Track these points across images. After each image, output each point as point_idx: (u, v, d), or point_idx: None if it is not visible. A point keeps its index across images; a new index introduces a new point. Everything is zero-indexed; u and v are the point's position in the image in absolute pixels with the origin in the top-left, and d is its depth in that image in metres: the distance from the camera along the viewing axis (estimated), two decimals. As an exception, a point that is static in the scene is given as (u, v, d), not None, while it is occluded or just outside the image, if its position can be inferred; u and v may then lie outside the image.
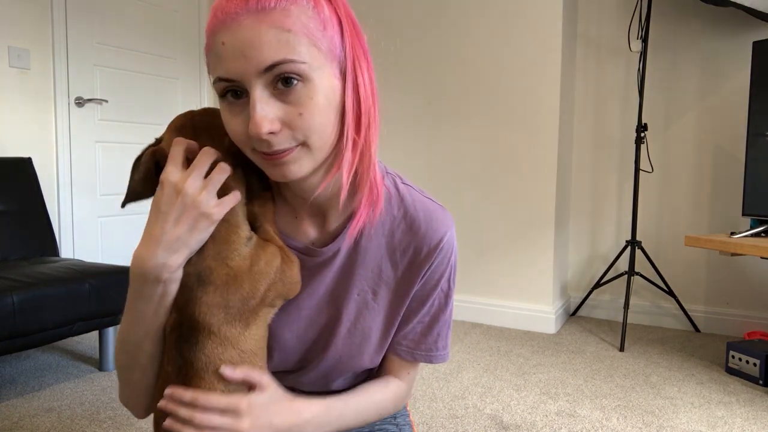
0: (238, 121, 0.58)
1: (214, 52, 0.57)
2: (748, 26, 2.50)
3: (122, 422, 1.66)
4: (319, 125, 0.58)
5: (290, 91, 0.56)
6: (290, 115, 0.57)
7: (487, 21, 2.72)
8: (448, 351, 0.79)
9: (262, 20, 0.54)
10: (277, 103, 0.57)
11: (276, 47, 0.54)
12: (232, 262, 0.62)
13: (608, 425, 1.67)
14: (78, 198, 2.82)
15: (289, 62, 0.55)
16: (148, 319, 0.63)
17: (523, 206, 2.68)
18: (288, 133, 0.57)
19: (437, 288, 0.75)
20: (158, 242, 0.59)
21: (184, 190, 0.59)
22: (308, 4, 0.57)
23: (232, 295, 0.62)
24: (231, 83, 0.57)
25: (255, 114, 0.55)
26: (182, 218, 0.59)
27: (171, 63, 3.28)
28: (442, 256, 0.73)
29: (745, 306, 2.58)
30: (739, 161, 2.49)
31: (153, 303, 0.62)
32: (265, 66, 0.55)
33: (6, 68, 2.50)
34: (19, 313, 1.68)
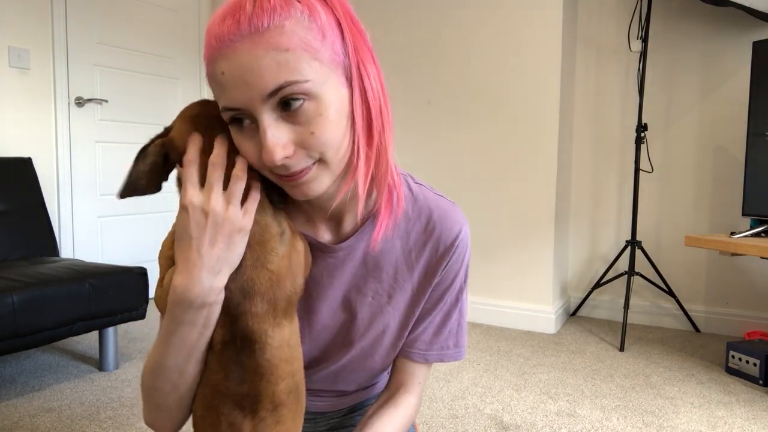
0: (251, 146, 0.57)
1: (214, 80, 0.56)
2: (748, 26, 2.50)
3: (122, 422, 1.66)
4: (333, 140, 0.57)
5: (298, 111, 0.55)
6: (302, 136, 0.56)
7: (487, 21, 2.72)
8: (462, 349, 0.78)
9: (257, 43, 0.52)
10: (287, 126, 0.55)
11: (276, 71, 0.52)
12: (271, 265, 0.62)
13: (608, 425, 1.67)
14: (78, 198, 2.82)
15: (292, 84, 0.53)
16: (191, 343, 0.61)
17: (523, 206, 2.68)
18: (303, 153, 0.56)
19: (451, 287, 0.75)
20: (200, 267, 0.57)
21: (212, 209, 0.57)
22: (303, 15, 0.54)
23: (278, 297, 0.62)
24: (238, 111, 0.56)
25: (267, 142, 0.54)
26: (217, 238, 0.57)
27: (171, 63, 3.28)
28: (457, 254, 0.73)
29: (745, 306, 2.58)
30: (739, 161, 2.49)
31: (197, 327, 0.60)
32: (268, 92, 0.53)
33: (6, 68, 2.50)
34: (19, 313, 1.68)
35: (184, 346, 0.61)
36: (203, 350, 0.62)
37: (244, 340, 0.61)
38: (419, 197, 0.73)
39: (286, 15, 0.53)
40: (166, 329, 0.61)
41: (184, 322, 0.59)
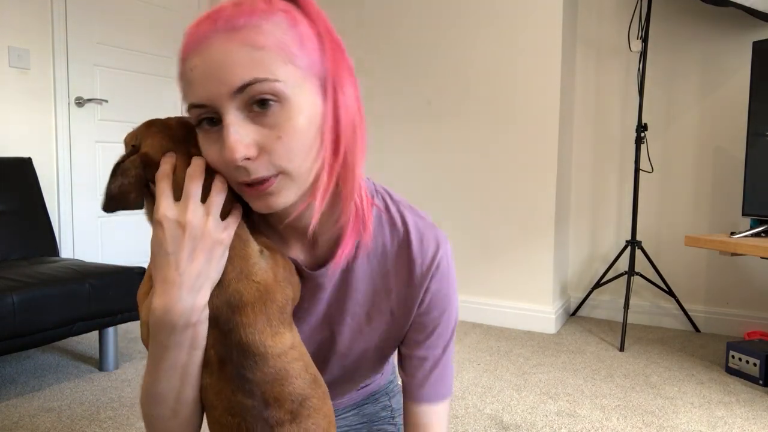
0: (215, 150, 0.55)
1: (185, 78, 0.54)
2: (748, 26, 2.50)
3: (122, 422, 1.66)
4: (300, 148, 0.54)
5: (267, 113, 0.52)
6: (268, 139, 0.53)
7: (487, 21, 2.72)
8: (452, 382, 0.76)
9: (232, 39, 0.51)
10: (254, 127, 0.53)
11: (248, 66, 0.51)
12: (256, 276, 0.60)
13: (608, 425, 1.67)
14: (78, 198, 2.82)
15: (262, 81, 0.51)
16: (181, 366, 0.58)
17: (523, 206, 2.68)
18: (266, 159, 0.53)
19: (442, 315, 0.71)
20: (179, 285, 0.54)
21: (189, 222, 0.54)
22: (283, 20, 0.53)
23: (270, 308, 0.60)
24: (203, 109, 0.54)
25: (228, 138, 0.52)
26: (197, 252, 0.54)
27: (171, 63, 3.28)
28: (439, 277, 0.69)
29: (745, 306, 2.58)
30: (739, 161, 2.49)
31: (185, 349, 0.57)
32: (236, 87, 0.51)
33: (6, 68, 2.50)
34: (19, 313, 1.68)
35: (175, 371, 0.58)
36: (197, 372, 0.59)
37: (241, 354, 0.59)
38: (395, 217, 0.70)
39: (265, 17, 0.53)
40: (154, 355, 0.58)
41: (170, 346, 0.56)
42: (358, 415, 0.91)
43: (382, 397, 0.94)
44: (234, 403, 0.59)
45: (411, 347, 0.72)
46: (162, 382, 0.59)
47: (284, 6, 0.55)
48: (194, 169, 0.57)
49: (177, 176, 0.58)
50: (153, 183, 0.59)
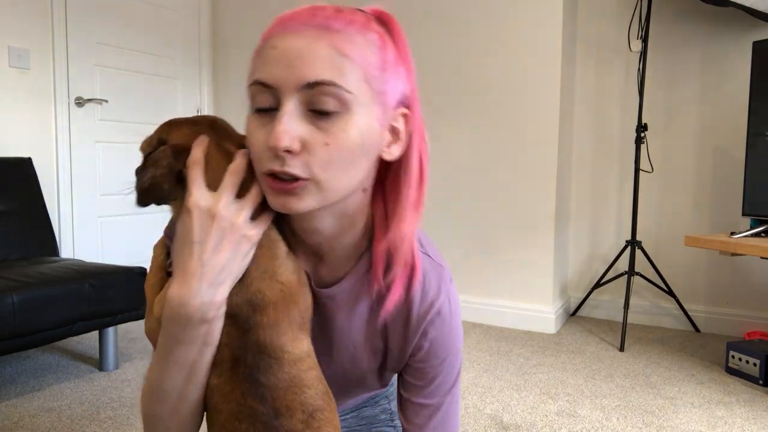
0: (261, 133, 0.54)
1: (261, 54, 0.54)
2: (748, 26, 2.50)
3: (122, 422, 1.66)
4: (341, 162, 0.53)
5: (325, 117, 0.52)
6: (315, 141, 0.52)
7: (487, 21, 2.72)
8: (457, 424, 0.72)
9: (322, 37, 0.51)
10: (306, 125, 0.52)
11: (327, 67, 0.51)
12: (282, 277, 0.58)
13: (608, 425, 1.67)
14: (78, 198, 2.82)
15: (332, 85, 0.51)
16: (190, 364, 0.56)
17: (523, 206, 2.68)
18: (305, 159, 0.52)
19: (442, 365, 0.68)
20: (200, 277, 0.52)
21: (219, 213, 0.53)
22: (375, 41, 0.54)
23: (292, 311, 0.58)
24: (267, 89, 0.53)
25: (280, 125, 0.51)
26: (223, 244, 0.53)
27: (171, 63, 3.28)
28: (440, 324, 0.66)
29: (745, 306, 2.58)
30: (739, 161, 2.49)
31: (196, 346, 0.55)
32: (307, 81, 0.51)
33: (6, 68, 2.50)
34: (19, 313, 1.68)
35: (182, 368, 0.55)
36: (205, 371, 0.57)
37: (257, 355, 0.56)
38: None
39: (360, 31, 0.53)
40: (163, 349, 0.56)
41: (181, 340, 0.54)
42: (357, 418, 0.91)
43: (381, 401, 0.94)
44: (243, 408, 0.56)
45: (410, 392, 0.69)
46: (167, 378, 0.57)
47: (379, 29, 0.56)
48: (238, 164, 0.56)
49: (210, 164, 0.56)
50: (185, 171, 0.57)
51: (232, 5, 3.50)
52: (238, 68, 3.49)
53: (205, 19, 3.51)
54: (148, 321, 0.61)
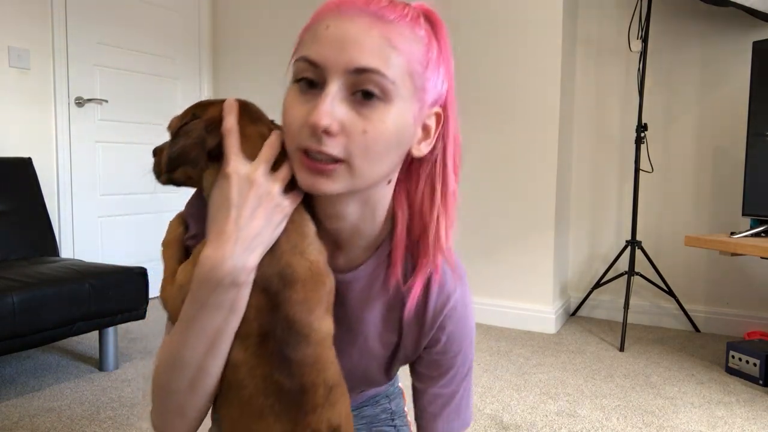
0: (301, 109, 0.54)
1: (313, 31, 0.55)
2: (748, 26, 2.50)
3: (122, 422, 1.66)
4: (375, 152, 0.54)
5: (367, 104, 0.53)
6: (354, 126, 0.53)
7: (487, 21, 2.72)
8: (470, 415, 0.75)
9: (376, 26, 0.53)
10: (347, 109, 0.53)
11: (375, 55, 0.52)
12: (311, 256, 0.59)
13: (608, 425, 1.67)
14: (78, 198, 2.82)
15: (379, 74, 0.52)
16: (214, 332, 0.55)
17: (523, 206, 2.68)
18: (342, 142, 0.53)
19: (457, 357, 0.70)
20: (234, 240, 0.53)
21: (257, 180, 0.55)
22: (423, 38, 0.56)
23: (320, 290, 0.59)
24: (312, 68, 0.54)
25: (323, 104, 0.52)
26: (258, 211, 0.54)
27: (171, 63, 3.28)
28: (456, 319, 0.68)
29: (745, 306, 2.58)
30: (739, 161, 2.48)
31: (223, 312, 0.54)
32: (355, 66, 0.52)
33: (6, 68, 2.50)
34: (19, 313, 1.68)
35: (205, 335, 0.55)
36: (227, 343, 0.56)
37: (286, 331, 0.56)
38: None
39: (410, 27, 0.55)
40: (187, 315, 0.56)
41: (208, 305, 0.54)
42: (358, 417, 0.91)
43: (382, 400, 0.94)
44: (269, 384, 0.56)
45: (425, 382, 0.71)
46: (188, 346, 0.56)
47: (427, 28, 0.58)
48: (273, 140, 0.58)
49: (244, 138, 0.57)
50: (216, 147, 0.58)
51: (232, 5, 3.50)
52: (238, 68, 3.49)
53: (205, 19, 3.51)
54: (166, 287, 0.61)
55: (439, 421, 0.71)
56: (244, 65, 3.45)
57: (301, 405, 0.57)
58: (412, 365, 0.73)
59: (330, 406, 0.59)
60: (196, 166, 0.58)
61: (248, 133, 0.58)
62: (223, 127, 0.57)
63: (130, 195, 3.08)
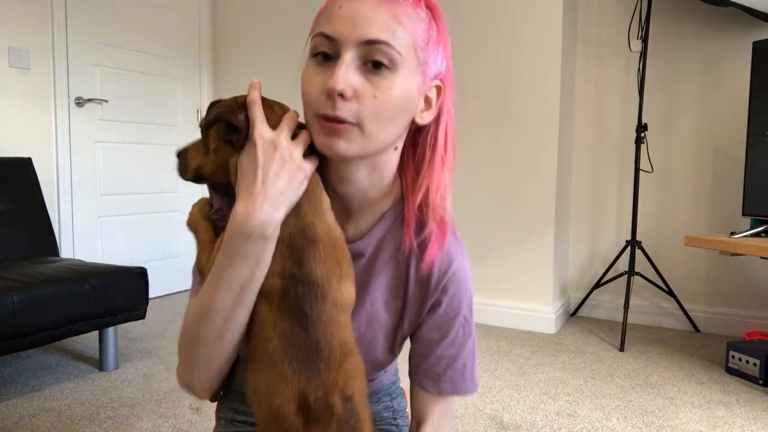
0: (319, 79, 0.61)
1: (328, 12, 0.62)
2: (748, 26, 2.50)
3: (122, 422, 1.66)
4: (385, 115, 0.61)
5: (377, 72, 0.60)
6: (365, 90, 0.60)
7: (487, 21, 2.72)
8: (475, 382, 0.77)
9: (382, 4, 0.60)
10: (359, 77, 0.60)
11: (383, 29, 0.59)
12: (329, 219, 0.64)
13: (608, 425, 1.67)
14: (78, 198, 2.82)
15: (387, 45, 0.59)
16: (242, 282, 0.61)
17: (523, 206, 2.68)
18: (354, 106, 0.60)
19: (457, 318, 0.74)
20: (262, 197, 0.59)
21: (281, 144, 0.61)
22: (425, 18, 0.64)
23: (338, 253, 0.64)
24: (328, 42, 0.61)
25: (339, 71, 0.59)
26: (282, 172, 0.60)
27: (171, 63, 3.28)
28: (456, 287, 0.73)
29: (745, 306, 2.58)
30: (739, 161, 2.48)
31: (250, 263, 0.60)
32: (366, 38, 0.59)
33: (6, 68, 2.50)
34: (19, 313, 1.68)
35: (235, 285, 0.61)
36: (253, 295, 0.62)
37: (306, 286, 0.61)
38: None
39: (414, 7, 0.62)
40: (218, 267, 0.61)
41: (238, 255, 0.60)
42: None
43: (384, 398, 0.94)
44: (290, 337, 0.60)
45: (428, 346, 0.75)
46: (218, 296, 0.61)
47: (427, 12, 0.65)
48: (293, 113, 0.65)
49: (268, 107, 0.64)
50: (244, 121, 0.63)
51: (232, 5, 3.50)
52: (238, 68, 3.49)
53: (205, 19, 3.51)
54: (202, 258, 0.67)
55: (443, 382, 0.74)
56: (244, 65, 3.45)
57: (314, 361, 0.60)
58: (414, 335, 0.76)
59: (345, 375, 0.61)
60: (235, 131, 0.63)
61: (270, 105, 0.65)
62: (248, 99, 0.64)
63: (130, 195, 3.08)
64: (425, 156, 0.71)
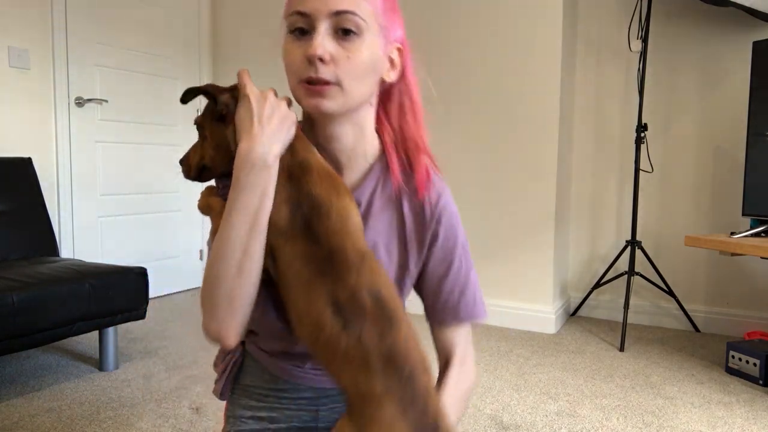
0: (299, 51, 0.71)
1: None
2: (748, 26, 2.50)
3: (122, 422, 1.66)
4: (358, 72, 0.72)
5: (347, 38, 0.70)
6: (340, 54, 0.70)
7: (487, 21, 2.72)
8: (485, 308, 0.86)
9: None
10: (334, 43, 0.70)
11: (350, 1, 0.69)
12: (318, 157, 0.73)
13: (608, 425, 1.67)
14: (78, 198, 2.82)
15: (353, 14, 0.70)
16: (253, 210, 0.68)
17: (523, 206, 2.68)
18: (332, 68, 0.70)
19: (456, 247, 0.82)
20: (260, 135, 0.68)
21: (270, 96, 0.71)
22: None
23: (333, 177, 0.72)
24: (303, 18, 0.70)
25: (316, 40, 0.69)
26: (274, 116, 0.70)
27: (171, 63, 3.28)
28: (447, 218, 0.82)
29: (745, 306, 2.58)
30: (739, 161, 2.49)
31: (258, 191, 0.68)
32: (336, 10, 0.69)
33: (6, 68, 2.50)
34: (19, 313, 1.68)
35: (246, 214, 0.68)
36: (264, 225, 0.69)
37: (309, 208, 0.68)
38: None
39: None
40: (230, 200, 0.69)
41: (246, 186, 0.68)
42: None
43: None
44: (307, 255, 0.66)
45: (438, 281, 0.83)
46: (233, 229, 0.68)
47: None
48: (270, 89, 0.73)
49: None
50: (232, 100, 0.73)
51: (232, 5, 3.50)
52: (238, 68, 3.48)
53: (205, 19, 3.51)
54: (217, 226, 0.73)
55: (460, 311, 0.83)
56: (244, 65, 3.43)
57: (334, 265, 0.66)
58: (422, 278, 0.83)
59: (367, 275, 0.66)
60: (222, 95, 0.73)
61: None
62: (238, 72, 0.74)
63: (130, 195, 3.09)
64: (398, 108, 0.82)
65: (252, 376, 0.87)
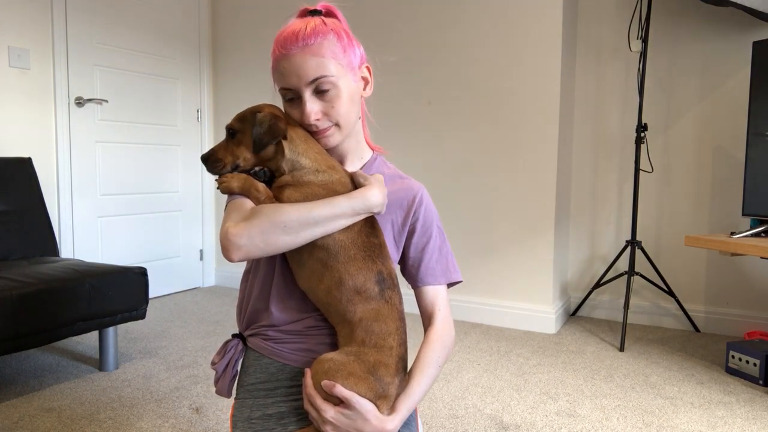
0: (296, 113, 0.91)
1: (277, 71, 0.90)
2: (748, 26, 2.50)
3: (122, 422, 1.66)
4: (344, 111, 0.91)
5: (326, 94, 0.89)
6: (326, 108, 0.90)
7: (487, 21, 2.72)
8: (459, 273, 1.03)
9: (306, 52, 0.87)
10: (319, 102, 0.90)
11: (315, 68, 0.87)
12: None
13: (608, 425, 1.67)
14: (78, 198, 2.82)
15: (324, 77, 0.88)
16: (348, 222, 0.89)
17: (523, 206, 2.68)
18: (326, 118, 0.90)
19: (433, 227, 1.01)
20: (384, 193, 0.92)
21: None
22: (334, 37, 0.89)
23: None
24: (290, 91, 0.89)
25: (306, 109, 0.89)
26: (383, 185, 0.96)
27: (171, 63, 3.28)
28: (425, 206, 1.01)
29: (745, 306, 2.58)
30: (739, 161, 2.49)
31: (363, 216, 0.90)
32: (309, 80, 0.87)
33: (6, 68, 2.50)
34: (19, 313, 1.68)
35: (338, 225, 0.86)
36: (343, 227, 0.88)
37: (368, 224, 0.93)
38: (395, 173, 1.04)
39: (324, 37, 0.88)
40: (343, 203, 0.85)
41: (361, 212, 0.87)
42: None
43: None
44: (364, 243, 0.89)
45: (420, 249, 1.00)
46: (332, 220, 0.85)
47: (332, 24, 0.90)
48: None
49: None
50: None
51: (232, 5, 3.50)
52: (237, 68, 3.49)
53: (205, 19, 3.51)
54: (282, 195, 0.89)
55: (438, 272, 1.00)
56: (244, 65, 3.45)
57: (374, 252, 0.89)
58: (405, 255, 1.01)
59: (387, 260, 0.90)
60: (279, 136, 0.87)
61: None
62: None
63: (130, 195, 3.09)
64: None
65: (256, 374, 0.92)
